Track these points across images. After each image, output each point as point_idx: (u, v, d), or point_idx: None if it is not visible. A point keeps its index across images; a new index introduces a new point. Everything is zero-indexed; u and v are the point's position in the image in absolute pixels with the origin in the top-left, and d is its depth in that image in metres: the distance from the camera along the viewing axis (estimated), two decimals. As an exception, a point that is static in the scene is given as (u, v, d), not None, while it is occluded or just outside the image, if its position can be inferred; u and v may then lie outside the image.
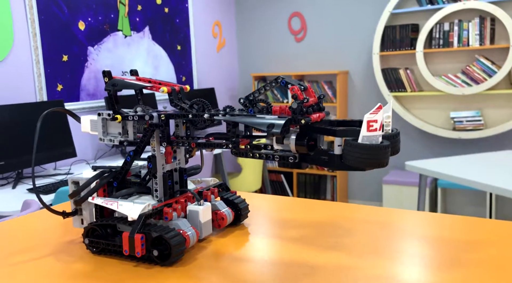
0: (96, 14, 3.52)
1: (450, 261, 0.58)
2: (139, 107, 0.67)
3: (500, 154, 3.13)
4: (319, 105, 0.60)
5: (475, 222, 0.72)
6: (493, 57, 3.93)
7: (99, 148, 3.57)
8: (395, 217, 0.76)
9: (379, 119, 0.51)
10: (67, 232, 0.75)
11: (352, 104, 4.62)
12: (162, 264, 0.60)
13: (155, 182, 0.67)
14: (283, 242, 0.67)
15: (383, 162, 0.51)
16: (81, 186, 0.67)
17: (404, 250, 0.62)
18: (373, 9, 4.37)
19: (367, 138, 0.51)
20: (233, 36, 5.14)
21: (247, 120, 0.58)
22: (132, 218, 0.61)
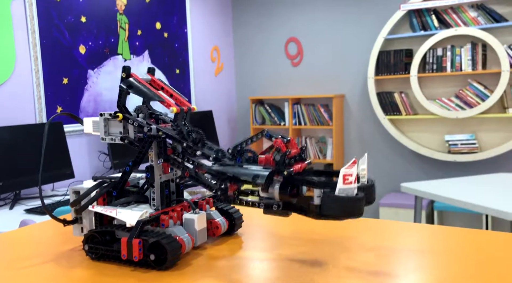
0: (96, 38, 3.60)
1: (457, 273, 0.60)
2: (141, 113, 0.70)
3: (494, 177, 3.17)
4: (301, 155, 0.65)
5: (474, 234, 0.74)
6: (486, 81, 4.01)
7: (97, 169, 3.59)
8: (390, 230, 0.79)
9: (354, 172, 0.55)
10: (66, 241, 0.78)
11: (348, 127, 4.68)
12: (158, 269, 0.63)
13: (153, 191, 0.70)
14: (276, 251, 0.69)
15: (358, 213, 0.56)
16: (82, 195, 0.70)
17: (403, 263, 0.64)
18: (367, 35, 4.48)
19: (343, 191, 0.55)
20: (231, 61, 5.24)
21: (234, 170, 0.62)
22: (131, 224, 0.64)
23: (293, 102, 4.71)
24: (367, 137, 4.59)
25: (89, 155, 3.52)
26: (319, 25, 4.71)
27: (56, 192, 3.09)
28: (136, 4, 3.97)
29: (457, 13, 3.98)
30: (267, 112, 4.87)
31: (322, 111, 4.57)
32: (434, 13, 4.07)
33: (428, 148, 4.17)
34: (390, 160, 4.51)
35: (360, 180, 0.61)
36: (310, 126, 4.61)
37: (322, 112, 4.57)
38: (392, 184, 4.53)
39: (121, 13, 3.82)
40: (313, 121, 4.62)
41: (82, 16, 3.48)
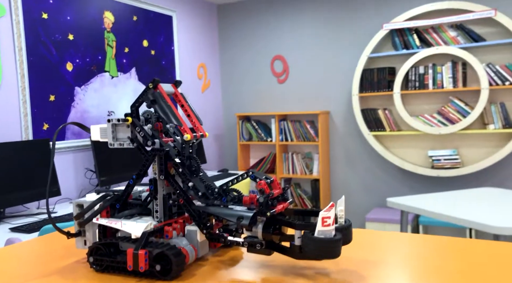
0: (84, 56, 3.61)
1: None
2: (149, 124, 0.72)
3: (477, 191, 3.24)
4: (283, 195, 0.69)
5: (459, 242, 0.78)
6: (466, 98, 4.13)
7: (83, 187, 3.56)
8: (377, 239, 0.81)
9: (332, 215, 0.60)
10: (68, 255, 0.78)
11: (334, 143, 4.74)
12: (163, 279, 0.64)
13: (156, 204, 0.71)
14: (274, 262, 0.71)
15: (336, 254, 0.59)
16: (85, 208, 0.72)
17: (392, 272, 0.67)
18: (351, 53, 4.59)
19: (322, 232, 0.59)
20: (218, 78, 5.29)
21: (219, 211, 0.66)
22: (136, 236, 0.65)
23: (279, 119, 4.76)
24: (352, 152, 4.66)
25: (76, 172, 3.50)
26: (304, 43, 4.80)
27: (42, 210, 3.04)
28: (123, 22, 4.00)
29: (437, 33, 4.11)
30: (254, 129, 4.91)
31: (308, 127, 4.62)
32: (415, 33, 4.20)
33: (412, 164, 4.25)
34: (375, 175, 4.57)
35: (338, 221, 0.66)
36: (297, 142, 4.66)
37: (308, 128, 4.63)
38: (377, 199, 4.58)
39: (108, 31, 3.85)
40: (300, 137, 4.67)
41: (70, 33, 3.49)
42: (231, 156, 5.34)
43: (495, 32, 3.96)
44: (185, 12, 4.75)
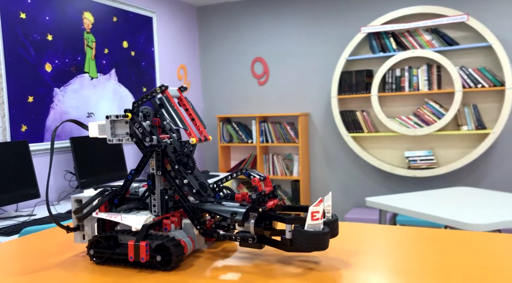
0: (63, 57, 3.58)
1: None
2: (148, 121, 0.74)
3: (452, 190, 3.35)
4: (274, 193, 0.73)
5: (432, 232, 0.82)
6: (441, 100, 4.26)
7: (63, 189, 3.52)
8: (356, 232, 0.86)
9: (320, 210, 0.64)
10: (66, 250, 0.80)
11: (314, 144, 4.81)
12: (163, 269, 0.67)
13: (154, 198, 0.74)
14: (266, 252, 0.75)
15: (324, 246, 0.64)
16: (85, 203, 0.73)
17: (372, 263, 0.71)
18: (330, 56, 4.67)
19: (311, 226, 0.64)
20: (198, 79, 5.30)
21: (214, 207, 0.69)
22: (136, 228, 0.67)
23: (260, 120, 4.80)
24: (332, 153, 4.73)
25: (55, 174, 3.45)
26: (284, 46, 4.86)
27: (20, 212, 3.00)
28: (103, 23, 3.97)
29: (413, 36, 4.23)
30: (235, 130, 4.94)
31: (288, 129, 4.68)
32: (392, 36, 4.31)
33: (389, 164, 4.35)
34: (353, 176, 4.66)
35: (325, 216, 0.71)
36: (277, 144, 4.71)
37: (288, 130, 4.68)
38: (356, 199, 4.67)
39: (88, 32, 3.82)
40: (280, 139, 4.73)
41: (49, 34, 3.45)
42: (212, 158, 5.35)
43: (468, 36, 4.10)
44: (165, 14, 4.75)
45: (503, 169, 4.10)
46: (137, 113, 0.73)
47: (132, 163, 4.27)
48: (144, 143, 0.73)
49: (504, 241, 0.75)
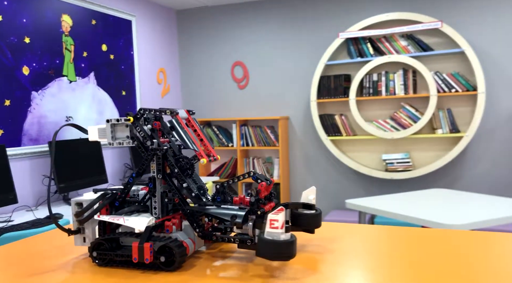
0: (41, 60, 3.52)
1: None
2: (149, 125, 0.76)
3: (428, 192, 3.45)
4: (270, 195, 0.75)
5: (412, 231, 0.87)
6: (417, 105, 4.37)
7: (41, 194, 3.45)
8: (336, 231, 0.89)
9: (280, 219, 0.62)
10: (67, 252, 0.80)
11: (293, 147, 4.86)
12: (167, 270, 0.68)
13: (154, 201, 0.75)
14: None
15: (286, 256, 0.61)
16: (86, 206, 0.74)
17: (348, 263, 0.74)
18: (309, 61, 4.74)
19: (269, 234, 0.62)
20: (178, 83, 5.29)
21: (213, 211, 0.71)
22: (139, 230, 0.69)
23: (240, 124, 4.83)
24: (311, 157, 4.80)
25: (32, 179, 3.39)
26: (264, 50, 4.91)
27: (-2, 218, 2.93)
28: (82, 26, 3.93)
29: (389, 42, 4.34)
30: (215, 134, 4.95)
31: (268, 133, 4.72)
32: (369, 41, 4.40)
33: (367, 167, 4.43)
34: (333, 178, 4.73)
35: (313, 208, 0.74)
36: (257, 147, 4.74)
37: (268, 134, 4.72)
38: (335, 201, 4.74)
39: (66, 35, 3.77)
40: (260, 142, 4.76)
41: (26, 36, 3.40)
42: (191, 162, 5.34)
43: (442, 42, 4.23)
44: (145, 17, 4.73)
45: (476, 171, 4.24)
46: (140, 118, 0.75)
47: (112, 167, 4.22)
48: (145, 146, 0.75)
49: (475, 238, 0.80)
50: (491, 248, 0.74)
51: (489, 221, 2.60)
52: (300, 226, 0.77)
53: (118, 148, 4.31)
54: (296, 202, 0.78)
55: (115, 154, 4.27)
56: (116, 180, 4.27)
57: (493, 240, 0.79)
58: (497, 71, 4.12)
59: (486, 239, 0.80)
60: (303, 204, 0.78)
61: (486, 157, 4.20)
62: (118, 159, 4.30)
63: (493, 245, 0.76)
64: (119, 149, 4.33)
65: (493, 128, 4.17)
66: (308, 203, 0.78)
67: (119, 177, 4.31)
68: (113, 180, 4.22)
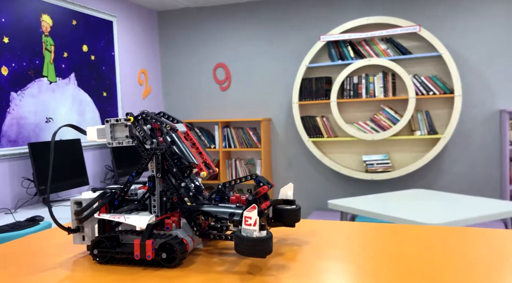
0: (20, 60, 3.47)
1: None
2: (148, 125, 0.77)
3: (407, 192, 3.53)
4: (266, 195, 0.78)
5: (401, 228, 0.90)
6: (396, 107, 4.47)
7: (20, 196, 3.39)
8: (317, 228, 0.92)
9: (253, 216, 0.64)
10: (66, 251, 0.81)
11: (276, 149, 4.90)
12: (168, 266, 0.70)
13: (154, 199, 0.77)
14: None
15: (260, 253, 0.63)
16: (86, 205, 0.75)
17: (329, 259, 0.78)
18: (291, 63, 4.79)
19: (244, 231, 0.64)
20: (159, 84, 5.26)
21: (212, 209, 0.73)
22: (141, 228, 0.70)
23: (222, 126, 4.84)
24: (293, 158, 4.84)
25: (11, 181, 3.33)
26: (246, 52, 4.93)
27: (-24, 221, 2.87)
28: (62, 27, 3.89)
29: (369, 45, 4.42)
30: (197, 135, 4.94)
31: (251, 134, 4.74)
32: (350, 45, 4.48)
33: (348, 168, 4.50)
34: (314, 179, 4.79)
35: (293, 204, 0.78)
36: (240, 149, 4.76)
37: (251, 135, 4.74)
38: (317, 202, 4.80)
39: (46, 35, 3.72)
40: (243, 144, 4.78)
41: (5, 36, 3.34)
42: (173, 163, 5.32)
43: (420, 46, 4.34)
44: (126, 18, 4.70)
45: (453, 171, 4.35)
46: (141, 118, 0.76)
47: (93, 169, 4.18)
48: (145, 146, 0.76)
49: (449, 233, 0.84)
50: (463, 242, 0.78)
51: (466, 220, 2.68)
52: (281, 221, 0.81)
53: (98, 150, 4.26)
54: (277, 199, 0.81)
55: (96, 156, 4.22)
56: (97, 182, 4.22)
57: (466, 235, 0.83)
58: (473, 75, 4.25)
59: (457, 234, 0.84)
60: (283, 200, 0.81)
61: (463, 158, 4.32)
62: (99, 161, 4.26)
63: (464, 240, 0.80)
64: (100, 151, 4.28)
65: (470, 130, 4.29)
66: (289, 199, 0.81)
67: (100, 179, 4.26)
68: (94, 182, 4.17)
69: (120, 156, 4.16)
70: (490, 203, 3.04)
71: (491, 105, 4.22)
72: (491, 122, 4.23)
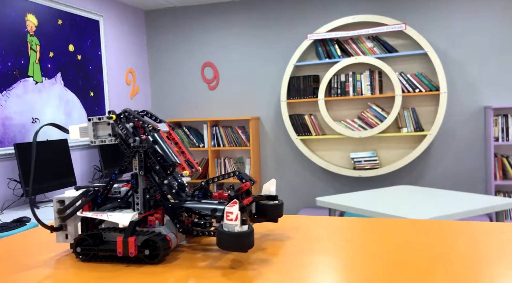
0: (5, 60, 3.43)
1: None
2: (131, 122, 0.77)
3: (394, 188, 3.56)
4: (248, 190, 0.80)
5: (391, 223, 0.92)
6: (383, 104, 4.51)
7: (6, 198, 3.36)
8: (307, 223, 0.94)
9: (234, 211, 0.65)
10: (48, 249, 0.81)
11: (264, 147, 4.91)
12: (151, 263, 0.71)
13: (137, 197, 0.77)
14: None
15: (241, 248, 0.64)
16: (69, 203, 0.76)
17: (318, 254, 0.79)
18: (279, 62, 4.80)
19: (226, 225, 0.66)
20: (147, 83, 5.25)
21: (194, 206, 0.74)
22: (123, 225, 0.71)
23: (211, 125, 4.84)
24: (282, 156, 4.86)
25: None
26: (233, 51, 4.94)
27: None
28: (47, 26, 3.85)
29: (356, 44, 4.45)
30: (186, 135, 4.94)
31: (239, 133, 4.75)
32: (337, 43, 4.51)
33: (336, 165, 4.53)
34: (303, 177, 4.81)
35: (276, 199, 0.81)
36: (229, 148, 4.77)
37: (239, 134, 4.75)
38: (306, 199, 4.82)
39: (31, 35, 3.69)
40: (231, 143, 4.79)
41: (-11, 36, 3.30)
42: (162, 163, 5.31)
43: (406, 44, 4.38)
44: (112, 17, 4.67)
45: (439, 167, 4.41)
46: (123, 117, 0.77)
47: (81, 169, 4.15)
48: (128, 143, 0.77)
49: (433, 226, 0.86)
50: (447, 235, 0.80)
51: (452, 215, 2.72)
52: (264, 216, 0.82)
53: (86, 150, 4.24)
54: (260, 195, 0.82)
55: (84, 156, 4.20)
56: (85, 182, 4.20)
57: (449, 228, 0.85)
58: (458, 72, 4.30)
59: (441, 227, 0.86)
60: (266, 196, 0.83)
61: (449, 155, 4.38)
62: (87, 161, 4.23)
63: (448, 232, 0.82)
64: (88, 151, 4.26)
65: (455, 127, 4.34)
66: (271, 195, 0.82)
67: (88, 179, 4.24)
68: (82, 183, 4.15)
69: (108, 155, 4.14)
70: (475, 198, 3.09)
71: (476, 102, 4.28)
72: (476, 118, 4.29)
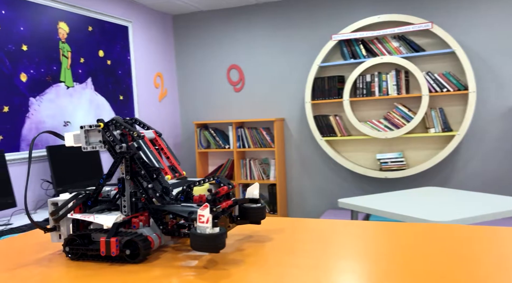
0: (38, 67, 3.61)
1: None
2: (118, 129, 0.83)
3: (421, 190, 3.50)
4: (228, 194, 0.83)
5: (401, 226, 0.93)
6: (409, 104, 4.43)
7: (40, 198, 3.53)
8: (333, 228, 0.96)
9: (206, 214, 0.69)
10: (45, 248, 0.87)
11: (289, 148, 4.93)
12: (132, 262, 0.75)
13: (124, 200, 0.82)
14: (226, 246, 0.84)
15: (212, 249, 0.68)
16: (61, 205, 0.81)
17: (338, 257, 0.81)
18: (303, 63, 4.81)
19: (199, 228, 0.69)
20: (175, 86, 5.37)
21: (173, 208, 0.78)
22: (107, 226, 0.76)
23: (236, 126, 4.90)
24: (306, 157, 4.86)
25: (31, 183, 3.47)
26: (259, 53, 4.98)
27: None
28: (78, 33, 4.02)
29: (382, 43, 4.40)
30: (212, 136, 5.02)
31: (264, 134, 4.79)
32: (362, 43, 4.47)
33: (362, 167, 4.49)
34: (328, 178, 4.79)
35: (260, 202, 0.84)
36: (254, 149, 4.81)
37: (264, 135, 4.79)
38: (331, 201, 4.80)
39: (63, 41, 3.86)
40: (256, 144, 4.83)
41: (23, 44, 3.48)
42: (190, 164, 5.42)
43: (433, 43, 4.29)
44: (141, 22, 4.81)
45: (468, 168, 4.29)
46: (111, 124, 0.82)
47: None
48: (115, 149, 0.82)
49: (464, 232, 0.86)
50: (469, 241, 0.81)
51: (480, 217, 2.65)
52: (247, 219, 0.85)
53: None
54: (243, 198, 0.85)
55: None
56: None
57: (479, 234, 0.85)
58: (487, 70, 4.18)
59: (462, 232, 0.86)
60: (249, 199, 0.86)
61: (478, 155, 4.25)
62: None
63: (471, 238, 0.82)
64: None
65: (484, 127, 4.22)
66: (254, 198, 0.86)
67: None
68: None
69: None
70: (503, 200, 3.00)
71: (505, 101, 4.14)
72: (506, 118, 4.15)
